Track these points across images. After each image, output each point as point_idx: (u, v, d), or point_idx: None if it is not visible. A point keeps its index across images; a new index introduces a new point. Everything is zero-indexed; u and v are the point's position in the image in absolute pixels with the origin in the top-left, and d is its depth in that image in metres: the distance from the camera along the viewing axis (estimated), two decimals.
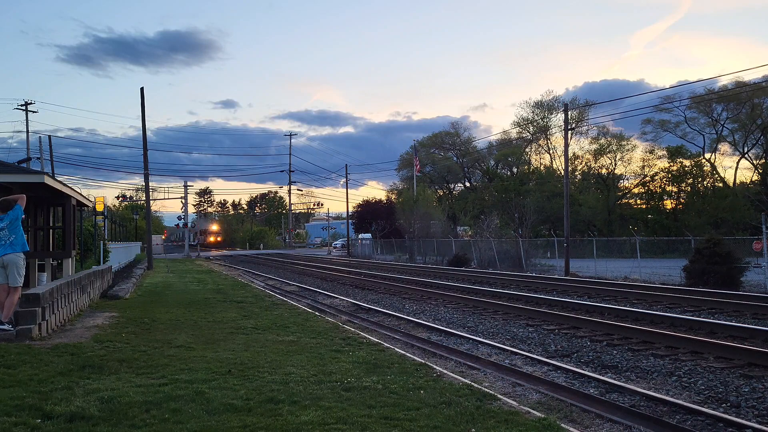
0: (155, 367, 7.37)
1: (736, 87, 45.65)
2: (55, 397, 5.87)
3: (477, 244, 37.09)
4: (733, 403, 6.71)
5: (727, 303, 14.32)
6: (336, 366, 7.68)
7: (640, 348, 9.64)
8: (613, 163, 58.08)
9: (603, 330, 11.15)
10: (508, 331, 11.66)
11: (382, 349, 9.06)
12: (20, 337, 8.96)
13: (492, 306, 14.93)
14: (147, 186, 36.94)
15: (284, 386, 6.49)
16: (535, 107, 62.21)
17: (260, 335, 10.28)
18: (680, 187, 55.04)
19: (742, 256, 21.16)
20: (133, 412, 5.44)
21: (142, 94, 34.12)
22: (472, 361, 8.88)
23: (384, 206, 59.65)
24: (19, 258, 9.40)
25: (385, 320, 13.34)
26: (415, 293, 18.65)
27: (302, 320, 12.22)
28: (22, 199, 9.68)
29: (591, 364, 8.78)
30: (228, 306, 14.86)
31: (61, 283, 11.38)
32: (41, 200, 16.05)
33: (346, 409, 5.68)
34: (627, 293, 16.95)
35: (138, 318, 12.22)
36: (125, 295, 16.90)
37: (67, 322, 11.33)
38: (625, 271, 24.95)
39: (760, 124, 49.14)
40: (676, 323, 11.65)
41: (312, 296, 18.92)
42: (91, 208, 25.29)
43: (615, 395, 6.99)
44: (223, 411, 5.53)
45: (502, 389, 7.12)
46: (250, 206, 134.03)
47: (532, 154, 65.29)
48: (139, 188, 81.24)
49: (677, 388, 7.41)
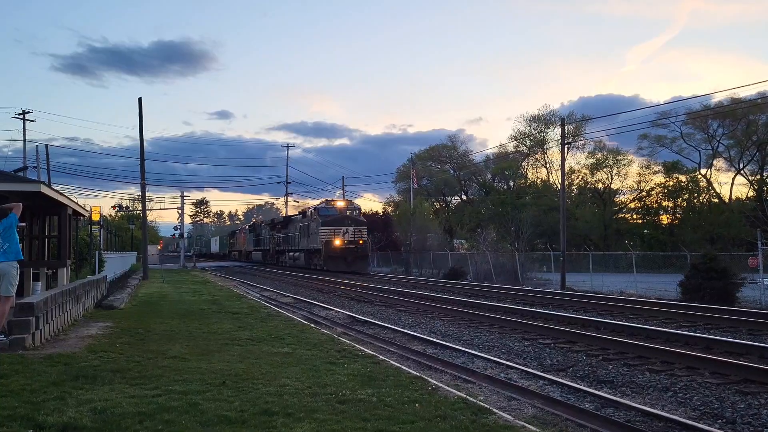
0: (149, 378, 7.32)
1: (731, 103, 45.95)
2: (47, 407, 5.83)
3: (473, 257, 37.09)
4: (728, 420, 6.69)
5: (722, 319, 14.32)
6: (331, 378, 7.65)
7: (635, 363, 9.62)
8: (609, 178, 58.38)
9: (599, 344, 11.13)
10: (504, 345, 11.63)
11: (377, 362, 9.02)
12: (13, 346, 8.91)
13: (488, 319, 14.90)
14: (143, 196, 36.89)
15: (279, 398, 6.45)
16: (532, 121, 62.50)
17: (255, 347, 10.23)
18: (676, 203, 55.30)
19: (737, 272, 21.19)
20: (126, 423, 5.40)
21: (140, 104, 34.12)
22: (468, 374, 8.85)
23: (380, 218, 59.70)
24: (12, 267, 9.32)
25: (381, 333, 13.30)
26: (410, 306, 18.61)
27: (297, 332, 12.17)
28: (18, 207, 9.63)
29: (586, 379, 8.76)
30: (223, 317, 14.80)
31: (55, 293, 11.33)
32: (37, 209, 16.00)
33: (340, 421, 5.65)
34: (623, 308, 16.95)
35: (132, 328, 12.16)
36: (120, 305, 16.83)
37: (61, 332, 11.27)
38: (621, 286, 24.96)
39: (756, 140, 49.46)
40: (672, 338, 11.64)
41: (308, 308, 18.86)
42: (87, 218, 25.22)
43: (610, 410, 6.96)
44: (217, 423, 5.49)
45: (497, 403, 7.09)
46: (246, 217, 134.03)
47: (528, 167, 65.51)
48: (135, 198, 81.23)
49: (673, 403, 7.40)
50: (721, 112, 47.52)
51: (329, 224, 40.08)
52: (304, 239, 44.78)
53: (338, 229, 39.79)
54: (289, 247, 50.14)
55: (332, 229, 39.85)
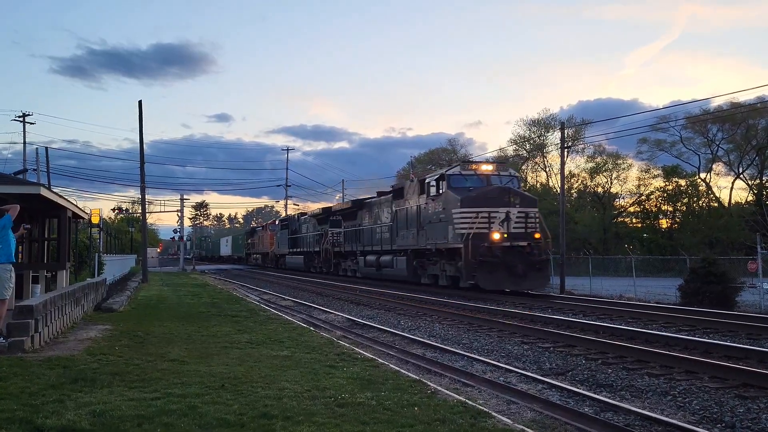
0: (148, 381, 7.32)
1: (731, 107, 46.01)
2: (46, 410, 5.82)
3: None
4: (728, 424, 6.69)
5: (721, 323, 14.31)
6: (330, 382, 7.65)
7: (635, 367, 9.62)
8: (608, 182, 58.38)
9: (598, 348, 11.12)
10: (503, 349, 11.63)
11: (376, 365, 9.02)
12: (12, 349, 8.90)
13: (487, 323, 14.89)
14: (143, 199, 36.90)
15: (278, 401, 6.45)
16: (531, 125, 62.50)
17: (254, 350, 10.23)
18: (675, 207, 55.31)
19: (737, 276, 21.17)
20: (124, 426, 5.40)
21: (140, 107, 34.10)
22: (467, 378, 8.85)
23: None
24: (5, 270, 9.29)
25: (380, 336, 13.30)
26: (410, 309, 18.61)
27: (297, 335, 12.17)
28: (14, 208, 9.59)
29: (586, 383, 8.76)
30: (222, 320, 14.80)
31: (54, 296, 11.33)
32: (37, 212, 16.00)
33: (339, 425, 5.64)
34: (622, 311, 16.93)
35: (132, 331, 12.16)
36: (119, 308, 16.82)
37: (60, 335, 11.27)
38: (620, 290, 24.94)
39: (755, 144, 49.50)
40: (671, 342, 11.63)
41: (307, 311, 18.86)
42: (86, 220, 25.25)
43: (610, 414, 6.96)
44: (216, 426, 5.49)
45: (496, 407, 7.09)
46: (246, 220, 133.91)
47: (528, 171, 65.51)
48: (135, 201, 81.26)
49: (672, 407, 7.39)
50: (721, 116, 47.56)
51: (474, 203, 22.13)
52: (402, 232, 27.06)
53: (494, 213, 21.94)
54: (361, 247, 33.03)
55: (479, 213, 21.82)
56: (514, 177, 24.61)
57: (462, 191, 22.78)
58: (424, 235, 24.79)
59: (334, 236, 37.88)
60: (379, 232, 30.58)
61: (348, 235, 35.59)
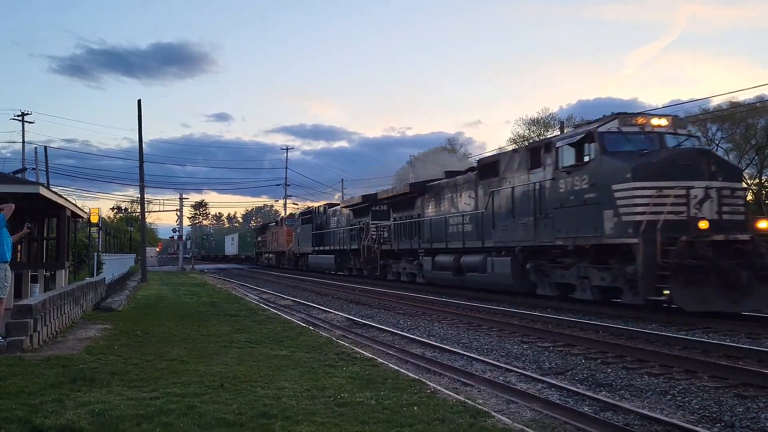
0: (147, 380, 7.32)
1: (730, 107, 46.05)
2: (45, 409, 5.82)
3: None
4: (727, 423, 6.69)
5: (721, 322, 14.30)
6: (329, 381, 7.64)
7: (634, 366, 9.62)
8: None
9: (597, 348, 11.12)
10: (503, 348, 11.62)
11: (375, 365, 9.02)
12: (11, 348, 8.90)
13: (486, 322, 14.89)
14: (142, 198, 36.91)
15: (277, 401, 6.44)
16: (531, 124, 62.52)
17: (253, 349, 10.23)
18: None
19: None
20: (124, 425, 5.39)
21: (139, 107, 34.07)
22: (466, 377, 8.84)
23: None
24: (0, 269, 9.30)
25: (380, 335, 13.29)
26: (409, 309, 18.61)
27: (296, 335, 12.17)
28: (9, 208, 9.58)
29: (585, 382, 8.75)
30: (222, 319, 14.79)
31: (53, 295, 11.32)
32: (36, 211, 16.00)
33: (339, 424, 5.64)
34: (621, 311, 16.90)
35: (131, 330, 12.15)
36: (118, 308, 16.81)
37: (59, 334, 11.26)
38: None
39: (755, 144, 49.53)
40: (671, 342, 11.63)
41: (306, 310, 18.85)
42: (85, 220, 25.24)
43: (609, 413, 6.96)
44: (215, 425, 5.48)
45: (496, 406, 7.09)
46: (245, 219, 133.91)
47: None
48: (134, 200, 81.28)
49: (672, 407, 7.39)
50: (720, 115, 47.60)
51: (656, 174, 13.97)
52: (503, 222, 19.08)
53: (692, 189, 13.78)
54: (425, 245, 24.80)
55: (667, 189, 13.64)
56: (696, 137, 16.03)
57: (628, 156, 14.58)
58: (550, 226, 16.80)
59: (379, 230, 30.25)
60: (455, 223, 22.55)
61: (401, 228, 27.56)
